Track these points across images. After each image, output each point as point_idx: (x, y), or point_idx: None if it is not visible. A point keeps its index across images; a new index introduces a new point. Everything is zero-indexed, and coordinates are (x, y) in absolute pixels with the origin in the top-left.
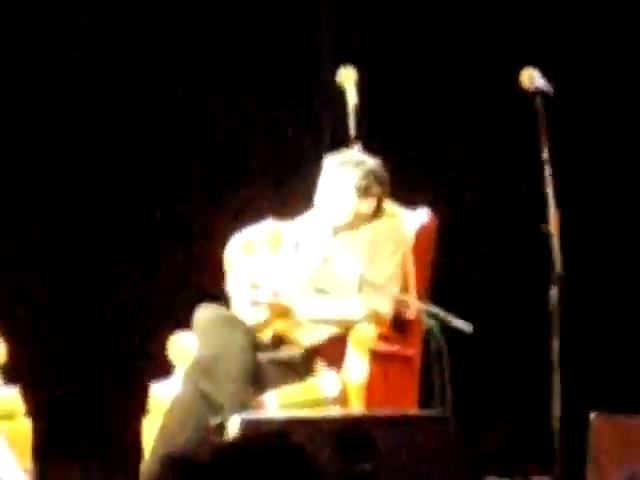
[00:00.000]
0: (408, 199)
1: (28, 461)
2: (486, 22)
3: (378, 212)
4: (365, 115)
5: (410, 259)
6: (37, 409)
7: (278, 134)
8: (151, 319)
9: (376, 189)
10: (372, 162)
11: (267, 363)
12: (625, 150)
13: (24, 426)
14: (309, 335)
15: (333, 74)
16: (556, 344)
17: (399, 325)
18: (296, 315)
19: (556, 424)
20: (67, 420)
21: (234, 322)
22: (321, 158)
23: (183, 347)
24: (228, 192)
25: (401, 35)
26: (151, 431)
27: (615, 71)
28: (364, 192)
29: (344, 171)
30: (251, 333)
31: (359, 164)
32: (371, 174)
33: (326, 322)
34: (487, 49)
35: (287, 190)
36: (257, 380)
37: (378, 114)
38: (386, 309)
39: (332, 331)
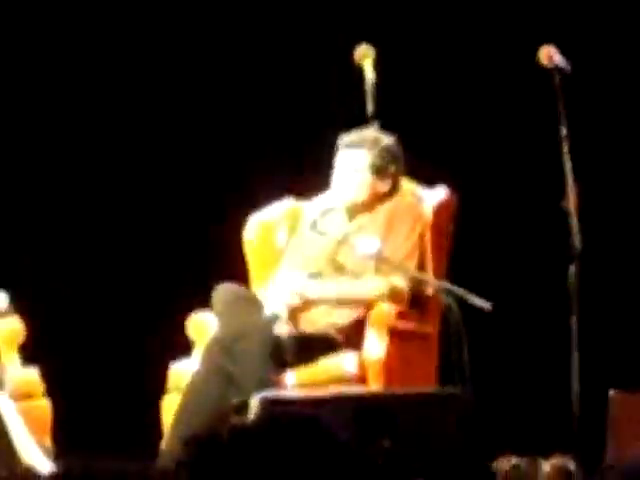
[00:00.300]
0: (426, 177)
1: (47, 440)
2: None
3: (395, 190)
4: (382, 93)
5: (428, 237)
6: (56, 389)
7: (296, 112)
8: (171, 298)
9: (392, 168)
10: (387, 140)
11: (287, 342)
12: None
13: (43, 406)
14: (328, 315)
15: (351, 52)
16: (575, 322)
17: (417, 303)
18: (320, 303)
19: (575, 402)
20: (86, 399)
21: (254, 301)
22: (337, 137)
23: (202, 326)
24: (246, 172)
25: (419, 12)
26: (171, 410)
27: (633, 47)
28: (380, 171)
29: (359, 151)
30: None
31: (374, 143)
32: (387, 153)
33: (346, 302)
34: (505, 26)
35: (305, 169)
36: (277, 359)
37: (395, 92)
38: (404, 286)
39: (352, 312)
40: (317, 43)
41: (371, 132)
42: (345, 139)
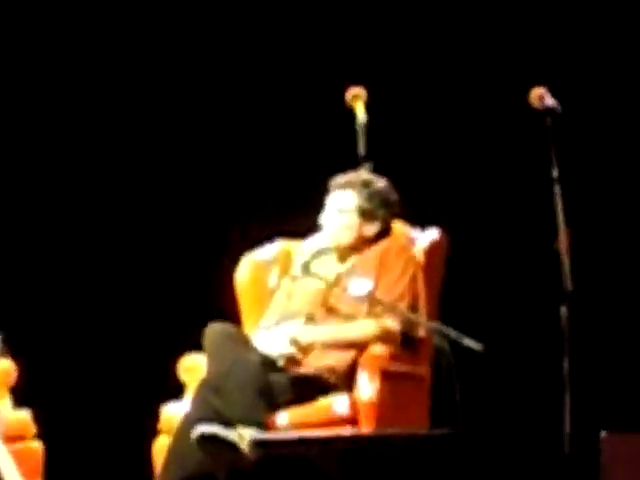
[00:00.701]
0: (418, 218)
1: None
2: (495, 41)
3: (383, 234)
4: (375, 134)
5: (420, 278)
6: (48, 431)
7: (288, 153)
8: (162, 340)
9: (381, 212)
10: (379, 184)
11: (279, 382)
12: (635, 168)
13: (35, 448)
14: (322, 357)
15: (343, 94)
16: (566, 363)
17: (409, 344)
18: (314, 347)
19: (567, 443)
20: (78, 441)
21: (244, 340)
22: (329, 178)
23: (194, 368)
24: (239, 214)
25: (410, 54)
26: (162, 452)
27: (623, 89)
28: (367, 215)
29: (348, 192)
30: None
31: (365, 186)
32: (376, 197)
33: (339, 345)
34: (497, 68)
35: (297, 210)
36: (269, 399)
37: (387, 133)
38: (395, 327)
39: (345, 354)
40: (309, 86)
41: (364, 175)
42: (337, 180)
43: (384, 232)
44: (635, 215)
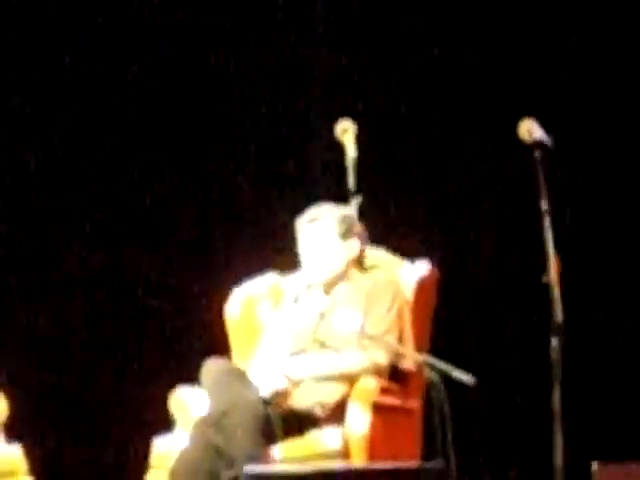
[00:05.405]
0: (408, 251)
1: None
2: (484, 74)
3: (364, 249)
4: (364, 168)
5: (407, 311)
6: (39, 467)
7: (278, 185)
8: (152, 374)
9: (356, 228)
10: (344, 209)
11: (275, 416)
12: (623, 201)
13: None
14: (313, 392)
15: (328, 128)
16: (557, 394)
17: (400, 377)
18: (304, 381)
19: (559, 474)
20: (70, 477)
21: (243, 376)
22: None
23: (184, 401)
24: (229, 246)
25: (401, 87)
26: None
27: (612, 120)
28: (346, 233)
29: (321, 222)
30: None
31: (332, 212)
32: (346, 217)
33: (330, 378)
34: (486, 101)
35: (286, 245)
36: (266, 434)
37: (377, 167)
38: (384, 360)
39: (336, 388)
40: (300, 120)
41: (326, 205)
42: (304, 218)
43: (363, 248)
44: (625, 246)
